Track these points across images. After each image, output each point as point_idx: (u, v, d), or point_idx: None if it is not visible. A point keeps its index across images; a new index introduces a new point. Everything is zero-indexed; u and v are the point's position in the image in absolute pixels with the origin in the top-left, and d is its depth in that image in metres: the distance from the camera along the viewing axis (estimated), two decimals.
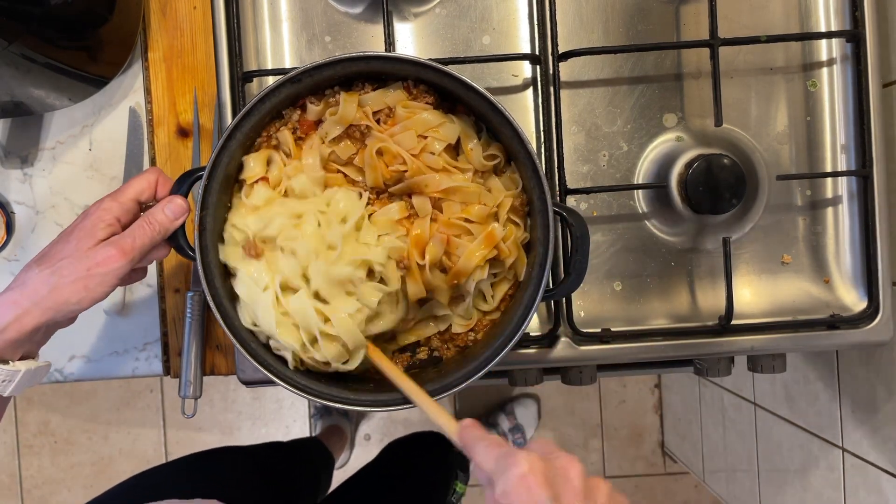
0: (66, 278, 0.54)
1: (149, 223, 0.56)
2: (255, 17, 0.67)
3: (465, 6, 0.68)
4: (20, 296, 0.53)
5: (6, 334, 0.53)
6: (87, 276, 0.54)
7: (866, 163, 0.65)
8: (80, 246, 0.55)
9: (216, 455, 0.94)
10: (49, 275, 0.54)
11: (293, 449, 1.18)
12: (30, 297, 0.53)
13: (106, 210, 0.56)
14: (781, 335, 0.65)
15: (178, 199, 0.57)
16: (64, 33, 0.64)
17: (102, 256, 0.54)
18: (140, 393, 1.80)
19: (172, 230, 0.57)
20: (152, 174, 0.59)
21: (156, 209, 0.57)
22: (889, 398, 0.76)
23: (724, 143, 0.67)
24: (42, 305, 0.54)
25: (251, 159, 0.58)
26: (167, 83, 0.77)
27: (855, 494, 0.86)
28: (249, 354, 0.56)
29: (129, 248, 0.55)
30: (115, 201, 0.57)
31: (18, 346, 0.54)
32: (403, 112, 0.57)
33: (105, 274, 0.54)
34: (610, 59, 0.68)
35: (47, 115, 0.77)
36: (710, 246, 0.68)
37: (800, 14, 0.68)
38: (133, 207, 0.58)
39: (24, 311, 0.53)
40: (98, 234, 0.55)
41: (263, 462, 1.00)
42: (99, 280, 0.54)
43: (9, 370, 0.54)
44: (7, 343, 0.53)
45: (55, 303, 0.54)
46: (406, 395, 0.54)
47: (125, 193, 0.57)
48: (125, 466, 1.78)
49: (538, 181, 0.55)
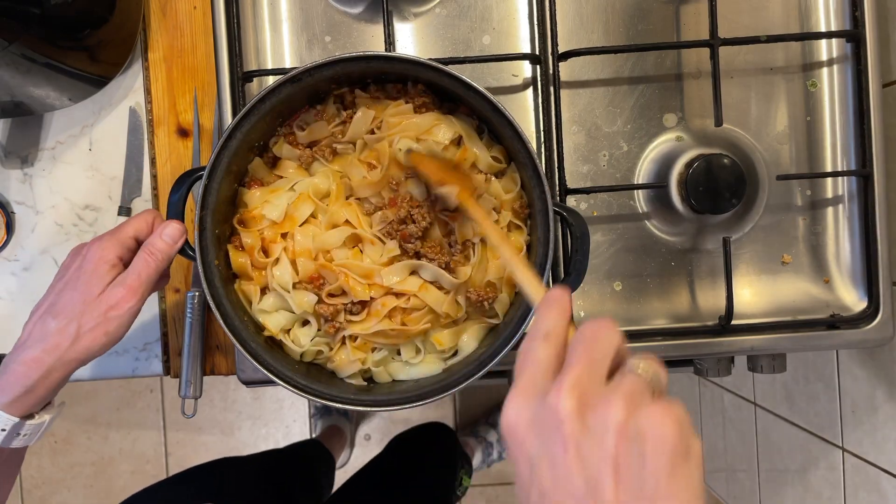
0: (85, 327, 0.54)
1: (150, 253, 0.57)
2: (255, 17, 0.67)
3: (465, 6, 0.68)
4: (42, 353, 0.54)
5: (36, 393, 0.54)
6: (106, 322, 0.55)
7: (866, 163, 0.65)
8: (91, 291, 0.55)
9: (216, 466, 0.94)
10: (66, 326, 0.54)
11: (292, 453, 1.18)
12: (53, 354, 0.54)
13: (107, 249, 0.56)
14: (781, 335, 0.65)
15: (172, 223, 0.58)
16: (64, 33, 0.64)
17: (115, 299, 0.55)
18: (140, 393, 1.80)
19: (173, 255, 0.58)
20: (149, 215, 0.59)
21: (153, 238, 0.57)
22: (889, 398, 0.76)
23: (724, 143, 0.67)
24: (66, 359, 0.54)
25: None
26: (167, 83, 0.77)
27: (855, 494, 0.86)
28: (249, 354, 0.56)
29: (138, 285, 0.56)
30: (114, 239, 0.57)
31: (44, 401, 0.56)
32: (393, 120, 0.58)
33: (121, 316, 0.55)
34: (610, 59, 0.68)
35: (47, 115, 0.77)
36: (710, 246, 0.68)
37: (800, 14, 0.68)
38: (132, 245, 0.58)
39: (49, 368, 0.54)
40: (105, 277, 0.56)
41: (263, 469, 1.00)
42: (117, 324, 0.55)
43: (36, 424, 0.56)
44: (36, 400, 0.55)
45: (78, 354, 0.55)
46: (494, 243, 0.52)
47: (124, 231, 0.58)
48: (125, 466, 1.78)
49: (538, 181, 0.55)
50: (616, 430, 0.32)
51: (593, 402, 0.33)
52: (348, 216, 0.58)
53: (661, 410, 0.32)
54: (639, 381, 0.34)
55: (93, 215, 0.77)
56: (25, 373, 0.54)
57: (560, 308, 0.38)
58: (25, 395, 0.54)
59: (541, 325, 0.37)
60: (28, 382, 0.53)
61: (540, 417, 0.33)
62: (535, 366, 0.35)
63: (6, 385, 0.54)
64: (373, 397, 0.57)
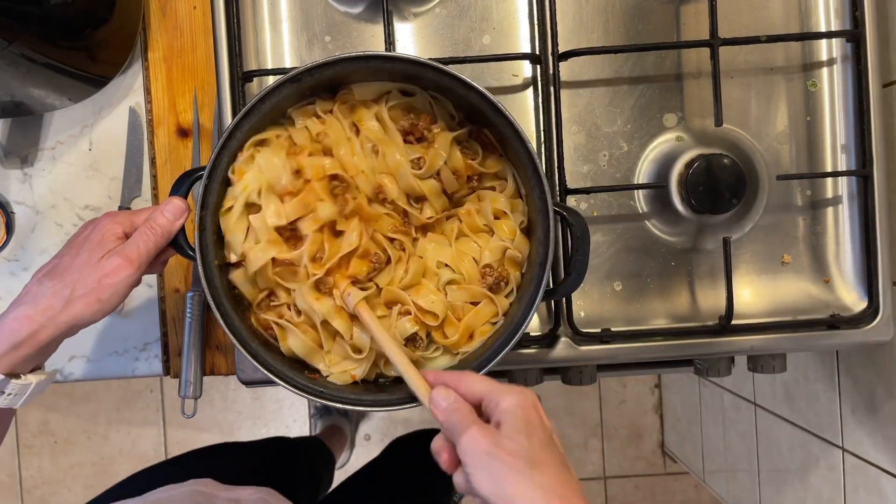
0: (78, 291, 0.54)
1: (150, 228, 0.56)
2: (255, 17, 0.67)
3: (465, 6, 0.68)
4: (34, 311, 0.54)
5: (21, 350, 0.53)
6: (99, 288, 0.54)
7: (866, 163, 0.65)
8: (91, 258, 0.55)
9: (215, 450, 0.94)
10: (62, 288, 0.54)
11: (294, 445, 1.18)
12: (44, 313, 0.54)
13: (118, 223, 0.57)
14: (781, 335, 0.65)
15: (176, 199, 0.57)
16: (64, 33, 0.64)
17: (111, 267, 0.55)
18: (140, 393, 1.80)
19: (175, 231, 0.57)
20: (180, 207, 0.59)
21: (155, 213, 0.57)
22: (889, 398, 0.76)
23: (724, 143, 0.67)
24: (56, 320, 0.54)
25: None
26: (167, 83, 0.77)
27: (855, 494, 0.86)
28: (249, 354, 0.56)
29: (135, 256, 0.55)
30: (127, 217, 0.57)
31: (30, 360, 0.55)
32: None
33: (115, 284, 0.55)
34: (610, 59, 0.68)
35: (47, 115, 0.77)
36: (710, 246, 0.68)
37: (800, 14, 0.68)
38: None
39: (39, 327, 0.53)
40: (108, 245, 0.56)
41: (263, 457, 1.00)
42: (111, 291, 0.55)
43: (22, 384, 0.55)
44: (22, 359, 0.54)
45: (70, 317, 0.54)
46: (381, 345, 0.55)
47: (140, 214, 0.58)
48: (125, 466, 1.78)
49: (538, 181, 0.55)
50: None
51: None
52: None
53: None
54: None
55: (93, 215, 0.77)
56: (13, 328, 0.53)
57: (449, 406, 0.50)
58: (12, 351, 0.53)
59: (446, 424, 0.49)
60: (15, 339, 0.53)
61: None
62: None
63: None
64: (373, 397, 0.57)
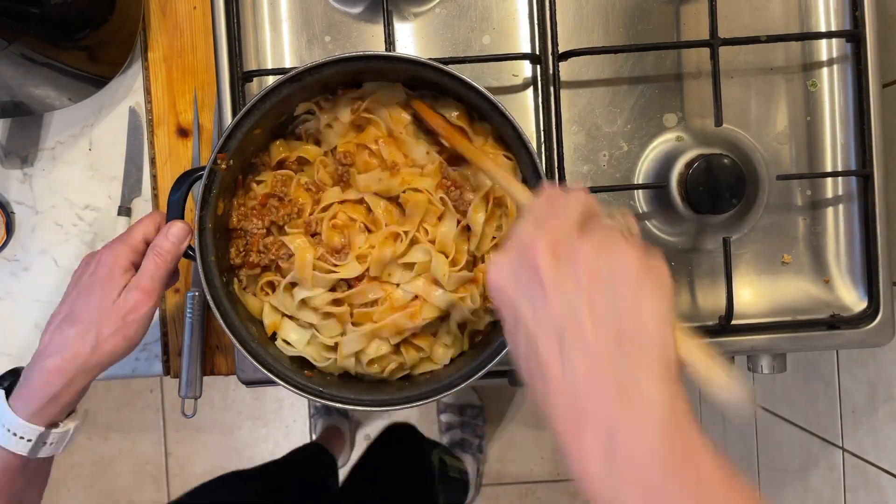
0: (104, 333, 0.55)
1: (157, 254, 0.57)
2: (255, 17, 0.67)
3: (465, 6, 0.68)
4: (63, 361, 0.54)
5: (60, 401, 0.54)
6: (125, 326, 0.55)
7: (866, 163, 0.65)
8: (107, 297, 0.55)
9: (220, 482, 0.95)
10: (85, 333, 0.55)
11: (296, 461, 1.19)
12: (74, 362, 0.54)
13: (121, 255, 0.57)
14: (781, 335, 0.65)
15: (177, 223, 0.58)
16: (64, 33, 0.64)
17: (132, 303, 0.55)
18: (140, 393, 1.80)
19: (181, 253, 0.58)
20: (157, 217, 0.60)
21: (159, 239, 0.58)
22: (889, 398, 0.76)
23: (724, 143, 0.67)
24: (88, 366, 0.55)
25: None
26: (167, 83, 0.77)
27: (855, 494, 0.86)
28: (249, 354, 0.56)
29: (151, 288, 0.56)
30: (126, 245, 0.57)
31: (68, 409, 0.56)
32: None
33: (139, 319, 0.56)
34: (610, 59, 0.68)
35: (47, 115, 0.77)
36: (710, 246, 0.68)
37: (800, 14, 0.68)
38: (143, 249, 0.59)
39: (72, 377, 0.54)
40: (120, 281, 0.56)
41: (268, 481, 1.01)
42: (135, 327, 0.56)
43: (61, 432, 0.56)
44: (60, 409, 0.55)
45: (100, 360, 0.55)
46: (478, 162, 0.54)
47: (134, 236, 0.58)
48: (125, 466, 1.78)
49: (538, 181, 0.56)
50: (586, 269, 0.35)
51: (565, 249, 0.36)
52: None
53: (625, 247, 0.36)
54: (608, 230, 0.37)
55: (93, 215, 0.77)
56: (48, 381, 0.54)
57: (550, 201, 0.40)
58: (49, 404, 0.54)
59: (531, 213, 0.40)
60: (52, 391, 0.54)
61: (519, 269, 0.37)
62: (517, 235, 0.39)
63: (29, 395, 0.54)
64: (373, 397, 0.57)
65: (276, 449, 1.81)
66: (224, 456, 1.81)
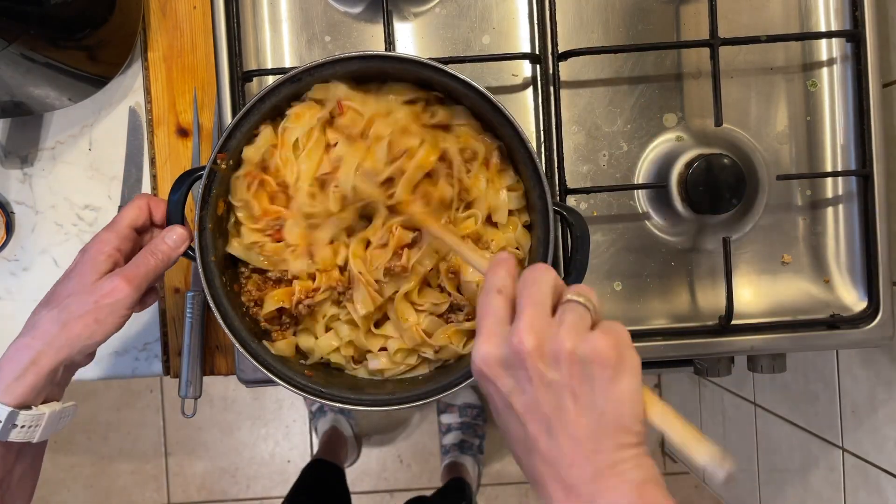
0: (75, 314, 0.54)
1: (152, 253, 0.57)
2: (255, 17, 0.67)
3: (465, 6, 0.68)
4: (31, 339, 0.54)
5: (25, 379, 0.53)
6: (96, 309, 0.54)
7: (866, 163, 0.65)
8: (84, 280, 0.55)
9: None
10: (57, 313, 0.54)
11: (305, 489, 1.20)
12: (41, 339, 0.53)
13: (104, 242, 0.56)
14: (781, 335, 0.65)
15: (179, 227, 0.58)
16: (64, 33, 0.64)
17: (109, 287, 0.54)
18: (140, 393, 1.80)
19: (176, 257, 0.58)
20: (142, 199, 0.59)
21: (158, 239, 0.57)
22: (889, 398, 0.76)
23: (724, 142, 0.67)
24: (55, 345, 0.54)
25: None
26: (167, 83, 0.77)
27: (855, 494, 0.86)
28: (249, 354, 0.56)
29: (134, 277, 0.55)
30: (111, 232, 0.57)
31: (40, 389, 0.54)
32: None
33: (113, 304, 0.54)
34: (610, 58, 0.68)
35: (47, 114, 0.77)
36: (710, 246, 0.68)
37: (800, 14, 0.68)
38: (130, 234, 0.58)
39: (38, 354, 0.53)
40: (100, 266, 0.55)
41: None
42: (108, 311, 0.54)
43: (33, 415, 0.54)
44: (28, 388, 0.53)
45: (67, 339, 0.54)
46: (441, 238, 0.55)
47: (120, 223, 0.58)
48: (125, 466, 1.78)
49: (538, 181, 0.56)
50: (567, 359, 0.40)
51: (546, 337, 0.41)
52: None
53: (599, 335, 0.41)
54: (577, 309, 0.42)
55: (92, 215, 0.77)
56: (13, 359, 0.53)
57: (507, 267, 0.45)
58: (15, 381, 0.52)
59: (492, 281, 0.44)
60: (17, 369, 0.53)
61: (506, 358, 0.41)
62: (494, 315, 0.43)
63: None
64: (373, 397, 0.57)
65: (276, 449, 1.81)
66: (224, 456, 1.81)
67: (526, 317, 0.41)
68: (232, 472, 1.81)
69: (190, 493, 1.79)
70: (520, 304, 0.42)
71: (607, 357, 0.40)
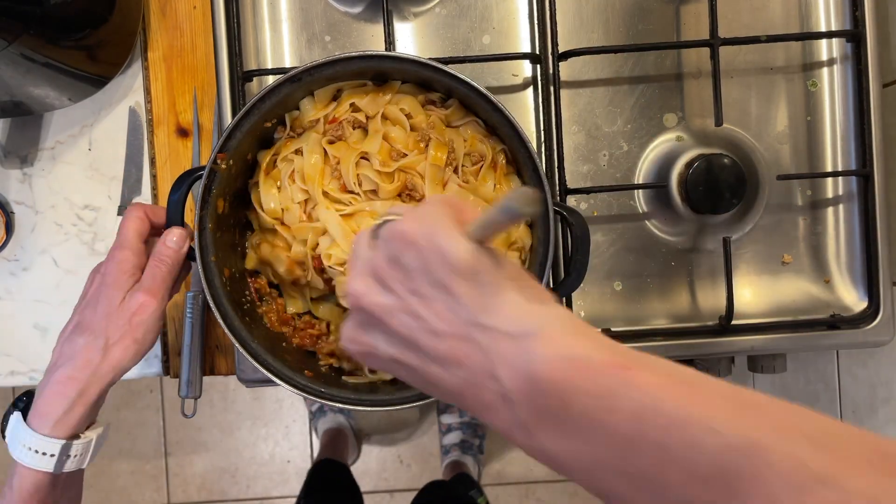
0: (113, 338, 0.54)
1: (160, 261, 0.57)
2: (255, 17, 0.67)
3: (465, 6, 0.68)
4: (74, 370, 0.54)
5: (75, 411, 0.54)
6: (132, 329, 0.55)
7: (866, 163, 0.65)
8: (112, 303, 0.55)
9: None
10: (94, 340, 0.54)
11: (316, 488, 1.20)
12: (84, 369, 0.54)
13: (122, 261, 0.56)
14: (781, 335, 0.65)
15: (175, 229, 0.58)
16: (64, 33, 0.64)
17: (136, 305, 0.55)
18: (140, 393, 1.80)
19: (183, 256, 0.58)
20: (138, 209, 0.59)
21: (159, 246, 0.57)
22: (889, 398, 0.76)
23: (725, 142, 0.67)
24: (100, 374, 0.54)
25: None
26: (167, 83, 0.77)
27: None
28: (249, 354, 0.56)
29: (155, 289, 0.56)
30: (126, 249, 0.57)
31: (86, 418, 0.56)
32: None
33: (146, 321, 0.55)
34: (610, 58, 0.68)
35: (47, 114, 0.77)
36: (710, 246, 0.68)
37: (800, 14, 0.68)
38: (140, 248, 0.58)
39: (85, 385, 0.54)
40: (125, 286, 0.56)
41: None
42: (144, 329, 0.55)
43: (83, 443, 0.55)
44: (78, 420, 0.54)
45: (111, 366, 0.54)
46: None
47: (129, 238, 0.57)
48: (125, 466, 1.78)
49: (538, 181, 0.55)
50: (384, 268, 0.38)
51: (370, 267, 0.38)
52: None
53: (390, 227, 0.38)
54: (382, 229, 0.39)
55: (92, 215, 0.77)
56: (61, 393, 0.53)
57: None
58: (66, 416, 0.53)
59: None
60: (66, 403, 0.53)
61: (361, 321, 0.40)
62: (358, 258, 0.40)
63: (44, 410, 0.53)
64: (373, 397, 0.57)
65: (276, 449, 1.81)
66: (224, 456, 1.81)
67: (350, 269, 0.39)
68: (232, 472, 1.81)
69: (190, 493, 1.79)
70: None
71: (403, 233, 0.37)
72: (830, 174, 0.68)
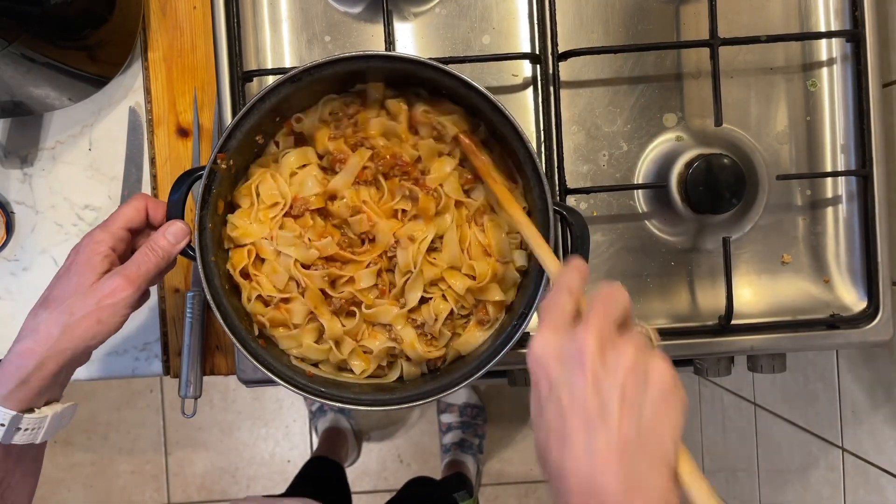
0: (76, 315, 0.54)
1: (152, 249, 0.56)
2: (255, 17, 0.67)
3: (465, 6, 0.68)
4: (34, 343, 0.53)
5: (30, 384, 0.53)
6: (98, 310, 0.54)
7: (866, 163, 0.65)
8: (83, 281, 0.55)
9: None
10: (58, 315, 0.54)
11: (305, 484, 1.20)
12: (44, 343, 0.53)
13: (98, 242, 0.56)
14: (781, 335, 0.65)
15: (178, 223, 0.57)
16: (64, 33, 0.64)
17: (110, 288, 0.54)
18: (140, 393, 1.80)
19: (175, 254, 0.57)
20: (140, 200, 0.58)
21: (157, 235, 0.57)
22: (889, 398, 0.76)
23: (724, 142, 0.67)
24: (58, 348, 0.53)
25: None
26: (167, 83, 0.77)
27: (855, 494, 0.86)
28: (249, 354, 0.56)
29: (135, 276, 0.55)
30: (106, 232, 0.56)
31: (43, 392, 0.55)
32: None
33: (115, 304, 0.54)
34: (610, 58, 0.68)
35: (47, 114, 0.77)
36: (710, 246, 0.68)
37: (800, 14, 0.68)
38: (125, 236, 0.58)
39: (42, 358, 0.53)
40: (98, 267, 0.55)
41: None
42: (110, 311, 0.54)
43: (36, 418, 0.54)
44: (32, 393, 0.53)
45: (70, 342, 0.54)
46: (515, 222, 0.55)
47: (115, 223, 0.57)
48: (125, 466, 1.78)
49: (538, 181, 0.55)
50: (627, 367, 0.40)
51: (610, 345, 0.41)
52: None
53: (663, 359, 0.41)
54: (643, 336, 0.42)
55: (92, 215, 0.77)
56: (18, 364, 0.53)
57: (581, 273, 0.45)
58: (20, 386, 0.53)
59: (565, 281, 0.45)
60: (21, 374, 0.53)
61: (565, 351, 0.41)
62: (561, 311, 0.43)
63: (1, 379, 0.53)
64: (373, 397, 0.57)
65: (276, 449, 1.81)
66: (224, 456, 1.81)
67: (595, 320, 0.41)
68: (232, 472, 1.81)
69: (190, 493, 1.79)
70: (592, 309, 0.42)
71: (666, 381, 0.40)
72: (830, 174, 0.68)
